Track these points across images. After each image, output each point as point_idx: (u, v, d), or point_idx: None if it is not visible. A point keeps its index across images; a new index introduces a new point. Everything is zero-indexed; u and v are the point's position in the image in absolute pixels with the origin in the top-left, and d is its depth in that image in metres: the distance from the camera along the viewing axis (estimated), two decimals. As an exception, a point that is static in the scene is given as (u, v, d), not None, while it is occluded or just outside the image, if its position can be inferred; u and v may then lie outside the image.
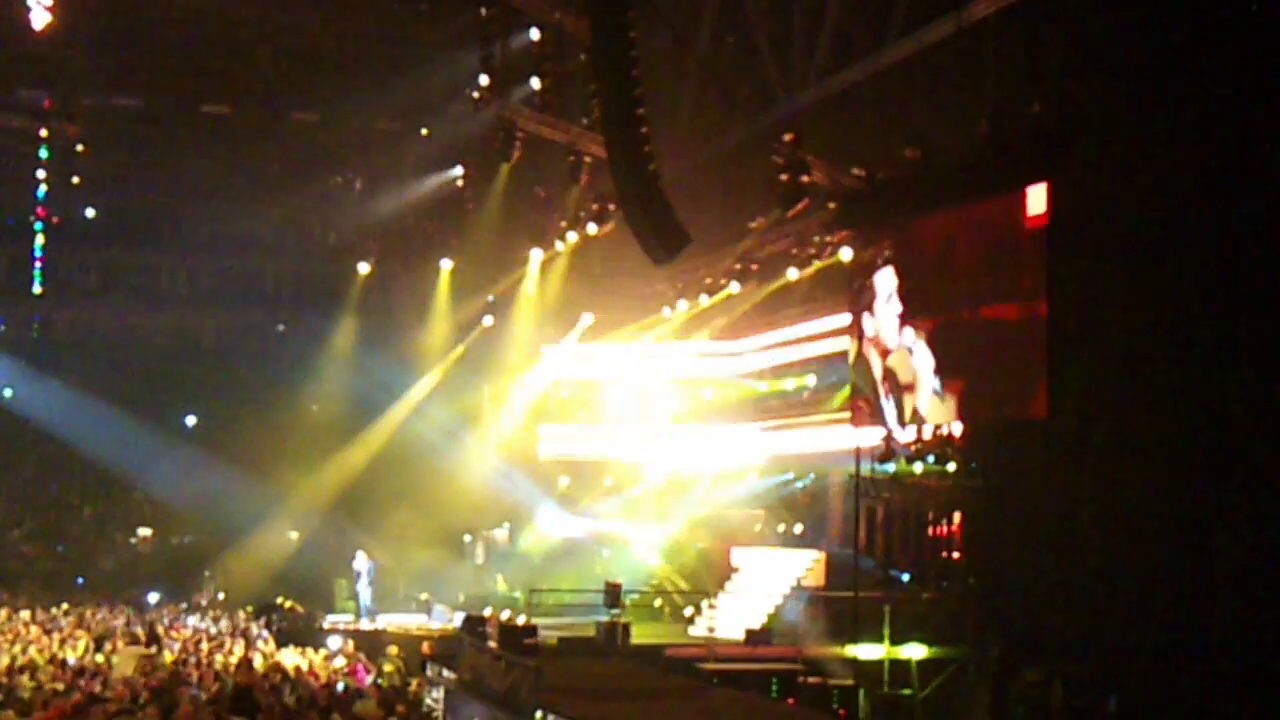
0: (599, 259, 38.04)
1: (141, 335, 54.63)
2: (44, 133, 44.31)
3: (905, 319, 24.75)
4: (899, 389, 24.96)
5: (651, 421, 38.38)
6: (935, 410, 24.13)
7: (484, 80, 31.42)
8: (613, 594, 30.46)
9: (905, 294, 24.84)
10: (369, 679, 25.24)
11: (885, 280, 25.26)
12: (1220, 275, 19.97)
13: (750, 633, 28.97)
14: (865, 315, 25.80)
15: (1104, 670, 20.78)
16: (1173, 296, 20.56)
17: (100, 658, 26.57)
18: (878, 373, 25.54)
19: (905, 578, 26.50)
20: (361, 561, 36.62)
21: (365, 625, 34.93)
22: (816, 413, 32.41)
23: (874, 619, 25.21)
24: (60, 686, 22.10)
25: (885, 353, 25.27)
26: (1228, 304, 19.90)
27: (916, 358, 24.47)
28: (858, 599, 26.12)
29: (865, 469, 26.50)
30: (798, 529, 33.80)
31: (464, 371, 44.80)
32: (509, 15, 30.94)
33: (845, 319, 28.14)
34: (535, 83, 31.09)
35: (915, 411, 24.53)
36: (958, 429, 24.46)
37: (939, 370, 24.07)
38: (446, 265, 43.55)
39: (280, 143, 46.68)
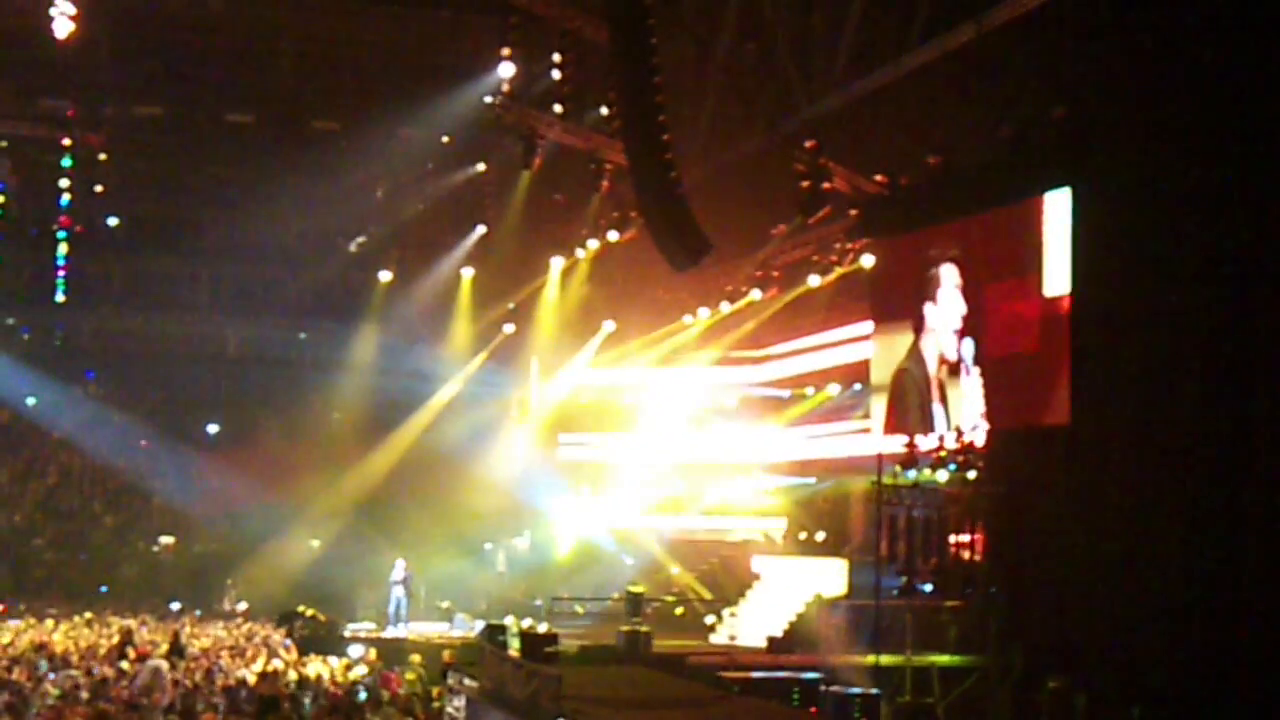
0: (620, 266, 38.03)
1: (164, 343, 54.83)
2: (67, 141, 44.47)
3: (967, 322, 24.56)
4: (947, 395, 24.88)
5: (672, 427, 38.36)
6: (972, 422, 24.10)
7: (506, 88, 31.44)
8: (634, 602, 30.41)
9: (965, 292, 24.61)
10: (401, 689, 25.23)
11: (950, 273, 25.02)
12: (1244, 281, 19.85)
13: (772, 641, 28.90)
14: (928, 304, 25.52)
15: (1128, 679, 20.68)
16: (1195, 303, 20.44)
17: (125, 665, 26.61)
18: (932, 368, 25.37)
19: (928, 588, 26.37)
20: (400, 570, 36.69)
21: (390, 633, 34.94)
22: (839, 421, 32.33)
23: (896, 627, 25.12)
24: (84, 695, 22.17)
25: (943, 361, 25.12)
26: (1251, 309, 19.78)
27: (968, 380, 24.36)
28: (880, 607, 26.01)
29: (887, 476, 26.40)
30: (819, 536, 33.69)
31: (485, 379, 44.83)
32: (531, 24, 30.97)
33: (868, 327, 28.09)
34: (557, 91, 31.12)
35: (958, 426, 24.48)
36: (980, 436, 24.38)
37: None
38: (468, 273, 43.56)
39: (302, 151, 46.81)
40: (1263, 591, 19.35)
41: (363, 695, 23.47)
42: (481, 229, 42.43)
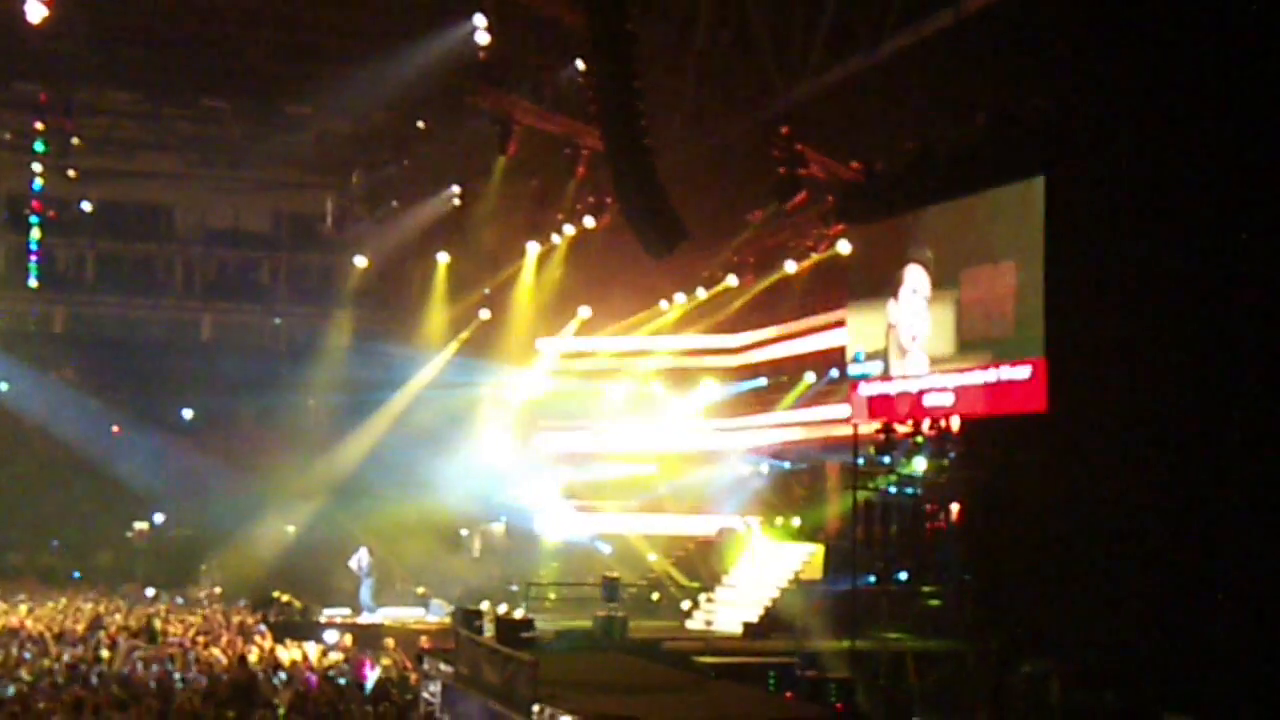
0: (596, 252, 37.97)
1: (138, 328, 54.67)
2: (40, 126, 44.15)
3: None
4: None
5: (648, 415, 38.39)
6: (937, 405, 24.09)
7: (481, 73, 31.34)
8: (610, 587, 30.45)
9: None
10: (371, 675, 25.23)
11: (914, 274, 24.96)
12: (1222, 268, 19.92)
13: (748, 626, 28.96)
14: (891, 301, 25.46)
15: (1103, 664, 20.77)
16: (1174, 290, 20.52)
17: (105, 654, 26.59)
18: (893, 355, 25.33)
19: (903, 576, 26.46)
20: (361, 558, 36.71)
21: (363, 619, 34.95)
22: (815, 407, 32.36)
23: (872, 612, 25.22)
24: (60, 680, 22.14)
25: (902, 350, 25.06)
26: (1229, 296, 19.86)
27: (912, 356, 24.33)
28: (856, 591, 26.10)
29: (863, 461, 26.45)
30: (796, 522, 33.77)
31: (460, 365, 44.76)
32: (506, 8, 30.88)
33: (843, 313, 28.10)
34: (532, 76, 31.04)
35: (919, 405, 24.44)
36: (956, 422, 24.42)
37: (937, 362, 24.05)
38: (443, 258, 43.45)
39: (277, 135, 46.59)
40: (1239, 577, 19.45)
41: (342, 681, 23.48)
42: (456, 215, 42.22)
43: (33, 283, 51.47)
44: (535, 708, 17.99)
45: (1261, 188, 19.41)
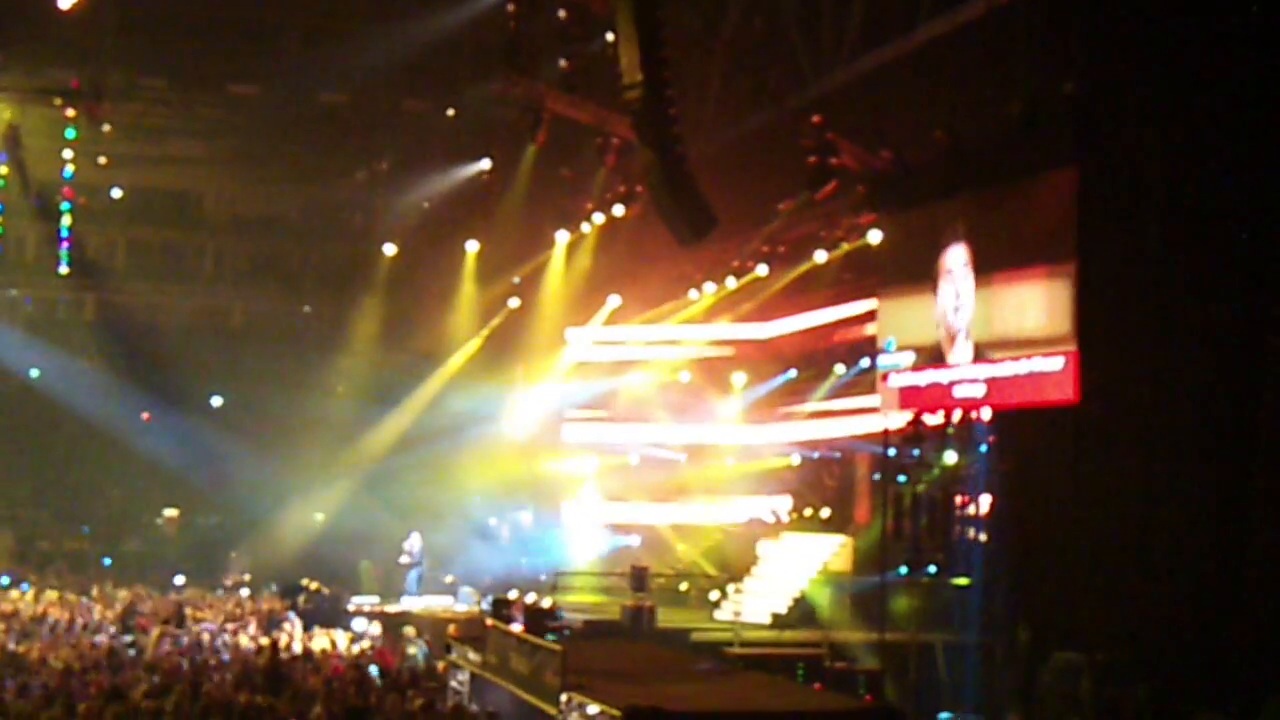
0: (625, 241, 37.86)
1: (168, 316, 54.80)
2: (71, 113, 44.24)
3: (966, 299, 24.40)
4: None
5: (677, 405, 38.32)
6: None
7: (511, 61, 31.24)
8: (638, 577, 30.41)
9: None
10: (398, 664, 25.28)
11: (955, 255, 24.79)
12: (1257, 260, 19.76)
13: (776, 617, 28.90)
14: (940, 282, 25.29)
15: (1134, 658, 20.65)
16: (1207, 280, 20.37)
17: (131, 638, 26.69)
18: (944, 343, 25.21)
19: (933, 568, 26.31)
20: (413, 543, 36.87)
21: (393, 607, 35.01)
22: (845, 398, 32.23)
23: (901, 604, 25.11)
24: (90, 667, 22.22)
25: (949, 333, 24.90)
26: (1264, 288, 19.69)
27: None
28: (885, 583, 26.01)
29: (893, 452, 26.34)
30: (825, 513, 33.66)
31: (489, 354, 44.74)
32: (536, -1, 30.78)
33: (873, 304, 27.98)
34: (563, 63, 30.87)
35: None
36: (986, 413, 24.30)
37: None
38: (472, 247, 43.40)
39: (307, 123, 46.61)
40: (1271, 570, 19.31)
41: (374, 670, 23.52)
42: (486, 203, 42.15)
43: (63, 269, 51.53)
44: (563, 697, 18.00)
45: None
